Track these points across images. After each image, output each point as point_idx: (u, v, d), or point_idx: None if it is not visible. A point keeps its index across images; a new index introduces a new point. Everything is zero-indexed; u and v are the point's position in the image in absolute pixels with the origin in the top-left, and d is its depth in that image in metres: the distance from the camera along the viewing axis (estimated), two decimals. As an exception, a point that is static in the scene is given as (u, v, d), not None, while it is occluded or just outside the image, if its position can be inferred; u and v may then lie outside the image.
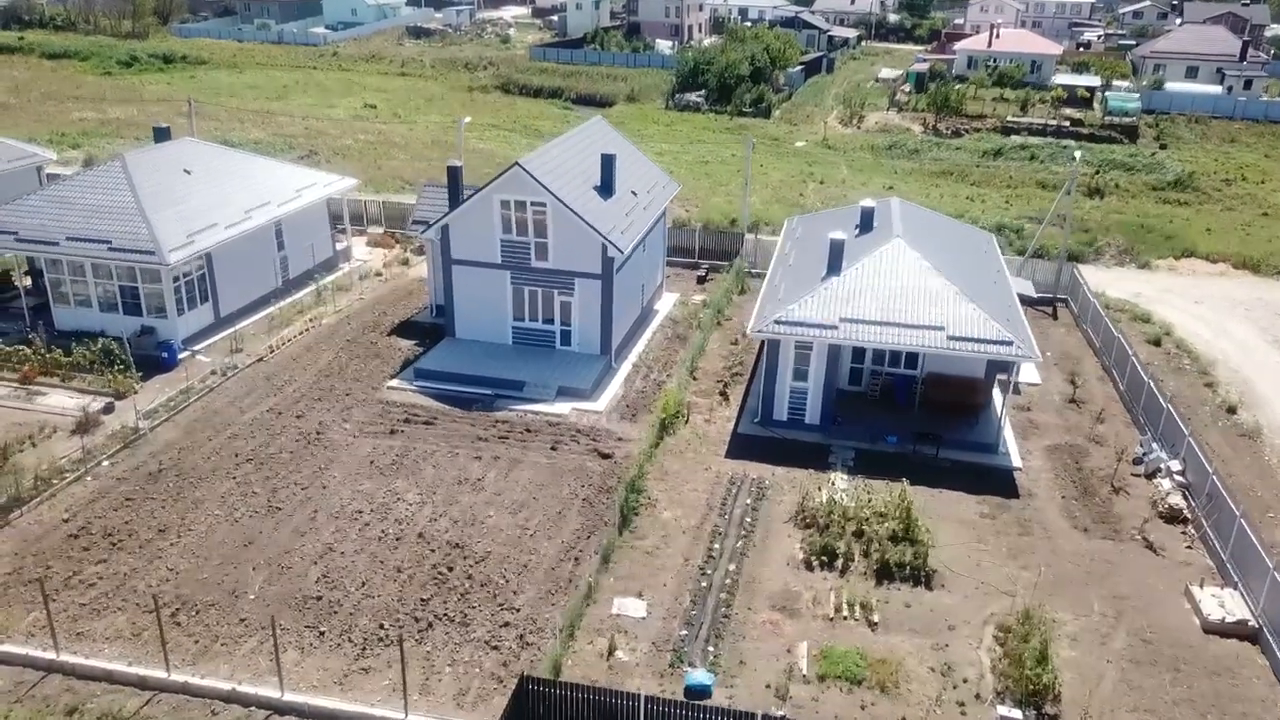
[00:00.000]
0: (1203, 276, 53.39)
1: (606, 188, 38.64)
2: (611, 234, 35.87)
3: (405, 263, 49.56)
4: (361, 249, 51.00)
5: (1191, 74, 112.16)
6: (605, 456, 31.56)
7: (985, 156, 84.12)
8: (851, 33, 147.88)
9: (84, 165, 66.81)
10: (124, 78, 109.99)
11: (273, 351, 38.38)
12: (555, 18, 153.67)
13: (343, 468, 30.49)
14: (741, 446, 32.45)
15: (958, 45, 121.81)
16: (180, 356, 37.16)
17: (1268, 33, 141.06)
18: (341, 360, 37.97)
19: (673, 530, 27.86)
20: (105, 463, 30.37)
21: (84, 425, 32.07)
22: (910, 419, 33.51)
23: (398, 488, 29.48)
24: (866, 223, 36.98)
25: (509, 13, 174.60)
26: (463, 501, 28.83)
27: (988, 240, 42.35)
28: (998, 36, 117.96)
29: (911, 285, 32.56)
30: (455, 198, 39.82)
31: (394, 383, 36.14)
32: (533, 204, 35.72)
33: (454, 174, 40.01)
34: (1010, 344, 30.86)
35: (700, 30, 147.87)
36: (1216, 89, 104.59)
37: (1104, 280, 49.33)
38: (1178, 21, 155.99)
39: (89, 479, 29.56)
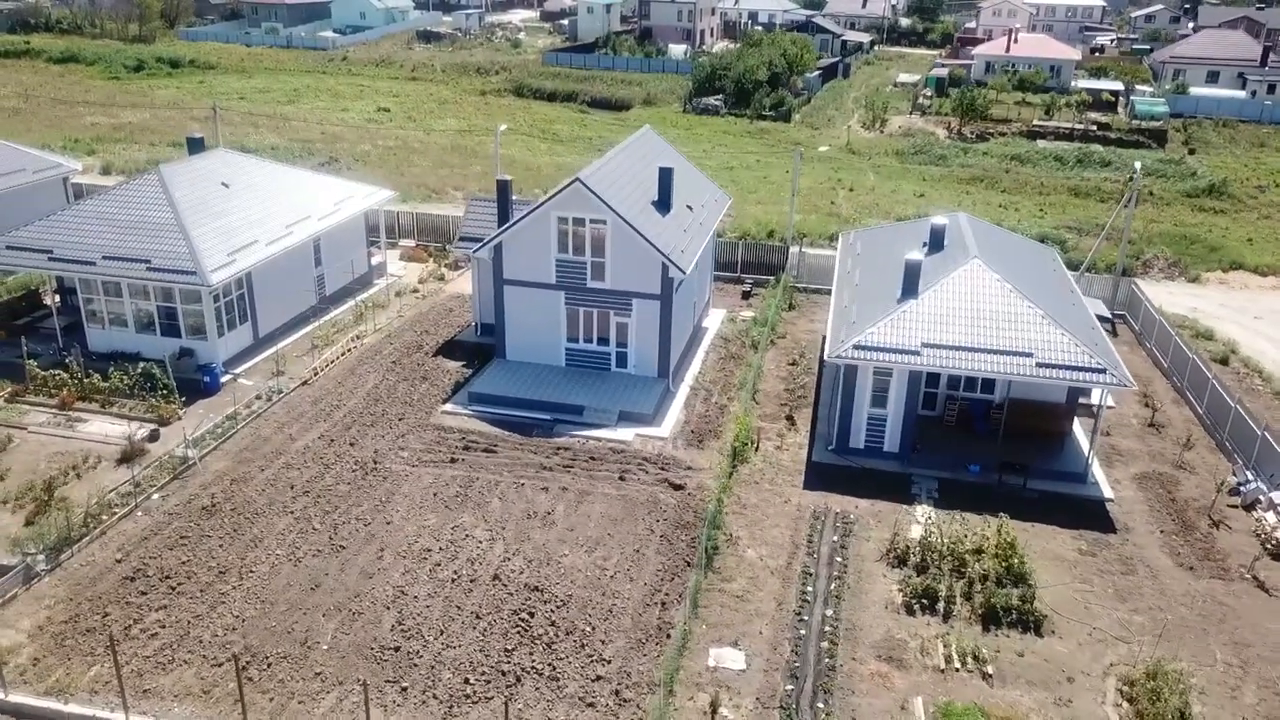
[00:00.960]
0: (1256, 291, 52.14)
1: (664, 203, 37.23)
2: (672, 253, 34.47)
3: (442, 278, 48.11)
4: (395, 264, 49.52)
5: (1212, 79, 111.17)
6: (677, 487, 30.13)
7: (1013, 162, 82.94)
8: (864, 37, 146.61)
9: (102, 172, 65.40)
10: (132, 82, 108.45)
11: (316, 374, 36.88)
12: (565, 22, 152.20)
13: (405, 500, 29.02)
14: (819, 476, 31.03)
15: (975, 50, 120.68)
16: (222, 380, 35.67)
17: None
18: (389, 383, 36.48)
19: (760, 571, 26.43)
20: (155, 496, 28.88)
21: (129, 455, 30.57)
22: (990, 446, 32.13)
23: (464, 523, 28.01)
24: (937, 241, 35.58)
25: (517, 16, 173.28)
26: (535, 538, 27.37)
27: (1053, 257, 40.99)
28: (1016, 41, 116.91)
29: (994, 309, 31.17)
30: (504, 213, 38.45)
31: (447, 407, 34.66)
32: (592, 221, 34.32)
33: (503, 188, 38.65)
34: (1104, 371, 29.48)
35: (711, 34, 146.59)
36: (1240, 94, 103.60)
37: (1156, 295, 48.00)
38: (1190, 26, 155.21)
39: (139, 514, 28.06)
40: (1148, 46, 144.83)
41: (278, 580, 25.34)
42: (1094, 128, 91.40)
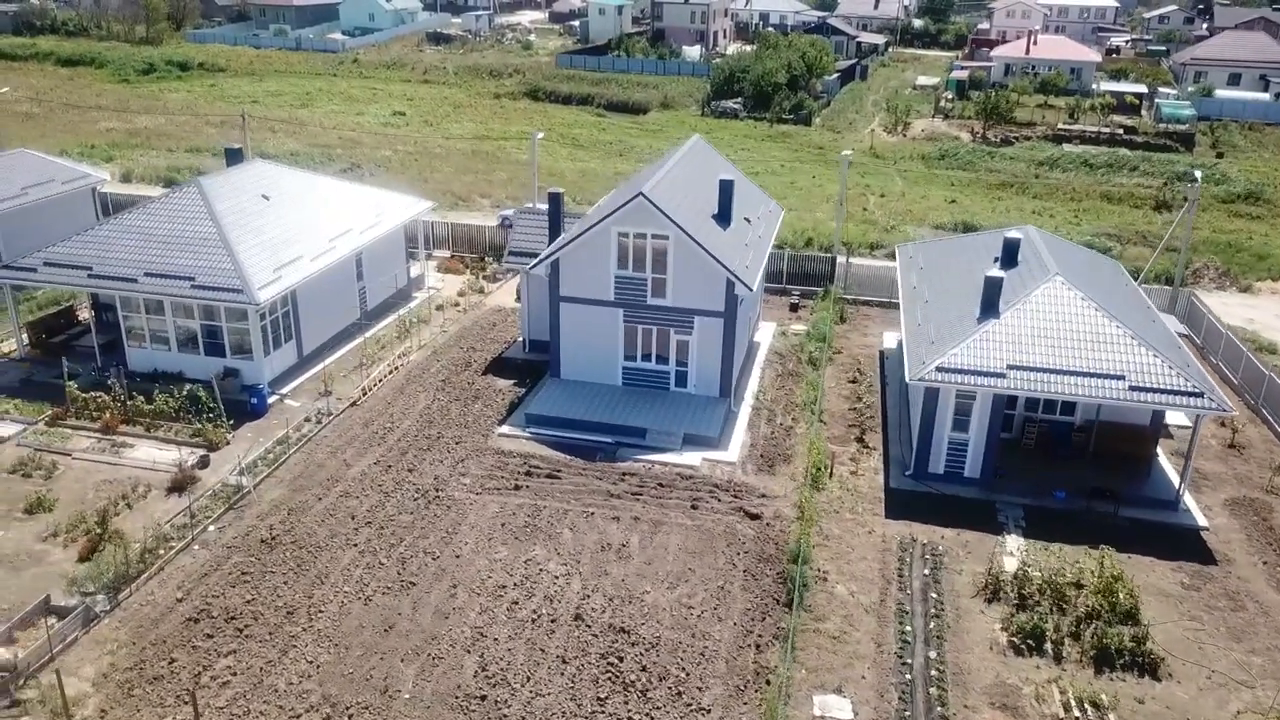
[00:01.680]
0: (1310, 301, 50.98)
1: (724, 216, 36.02)
2: (736, 268, 33.23)
3: (481, 290, 46.84)
4: (432, 276, 48.24)
5: (1234, 81, 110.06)
6: (754, 517, 28.85)
7: (1041, 166, 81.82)
8: (879, 39, 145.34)
9: (122, 180, 64.06)
10: (142, 85, 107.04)
11: (365, 394, 35.59)
12: (576, 24, 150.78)
13: (472, 531, 27.73)
14: (900, 504, 29.78)
15: (994, 52, 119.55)
16: (269, 401, 34.38)
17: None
18: (441, 403, 35.19)
19: (853, 608, 25.18)
20: (211, 528, 27.59)
21: (180, 483, 29.26)
22: (1073, 470, 30.94)
23: (537, 556, 26.74)
24: (1009, 256, 34.33)
25: (526, 18, 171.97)
26: (613, 573, 26.10)
27: (1120, 270, 39.79)
28: (1035, 43, 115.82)
29: (1080, 329, 29.92)
30: (556, 226, 37.22)
31: (504, 429, 33.38)
32: (654, 236, 33.09)
33: (555, 200, 37.43)
34: (1201, 395, 28.27)
35: (724, 36, 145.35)
36: (1265, 96, 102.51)
37: (1210, 305, 46.82)
38: (1205, 27, 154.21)
39: (196, 547, 26.78)
40: (1163, 48, 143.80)
41: (349, 621, 24.07)
42: (1120, 131, 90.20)
